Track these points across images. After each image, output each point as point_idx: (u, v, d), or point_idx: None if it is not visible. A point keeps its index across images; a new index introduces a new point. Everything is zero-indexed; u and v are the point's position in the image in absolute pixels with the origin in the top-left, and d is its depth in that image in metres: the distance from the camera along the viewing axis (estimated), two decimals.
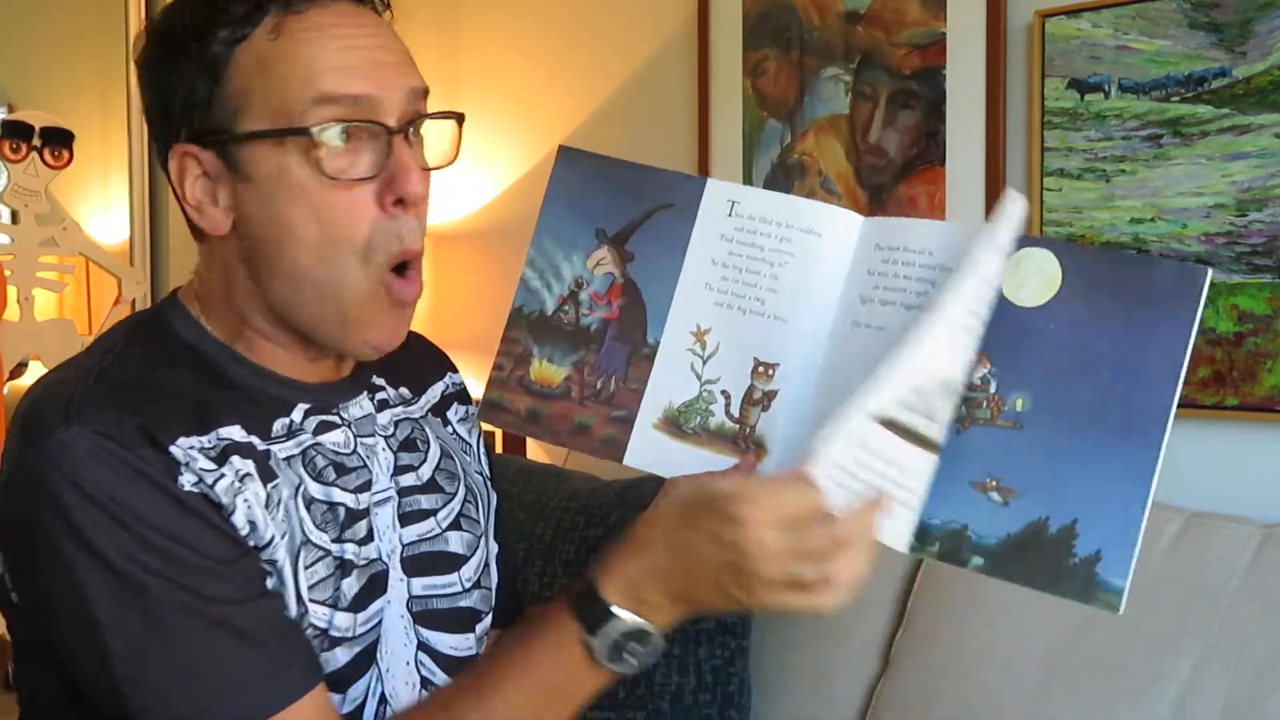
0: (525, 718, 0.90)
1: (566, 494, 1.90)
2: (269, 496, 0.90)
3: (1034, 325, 0.89)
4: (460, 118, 0.97)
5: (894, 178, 1.93)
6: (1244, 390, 1.61)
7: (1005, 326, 0.89)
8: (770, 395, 0.94)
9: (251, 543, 0.89)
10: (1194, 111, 1.63)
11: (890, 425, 0.87)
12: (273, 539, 0.90)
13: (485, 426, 1.09)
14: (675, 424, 0.97)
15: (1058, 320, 0.89)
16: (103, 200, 3.52)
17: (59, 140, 2.94)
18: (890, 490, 0.88)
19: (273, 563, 0.90)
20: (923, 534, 0.89)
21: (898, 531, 0.89)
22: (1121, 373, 0.87)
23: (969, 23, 1.84)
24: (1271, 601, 1.42)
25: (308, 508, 0.93)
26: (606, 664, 0.88)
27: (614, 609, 0.87)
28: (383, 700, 0.98)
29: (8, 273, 2.83)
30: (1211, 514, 1.53)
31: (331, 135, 0.87)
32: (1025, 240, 0.90)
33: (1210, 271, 0.86)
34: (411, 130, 0.92)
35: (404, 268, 0.92)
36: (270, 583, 0.90)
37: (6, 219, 3.10)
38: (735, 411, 0.95)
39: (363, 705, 0.96)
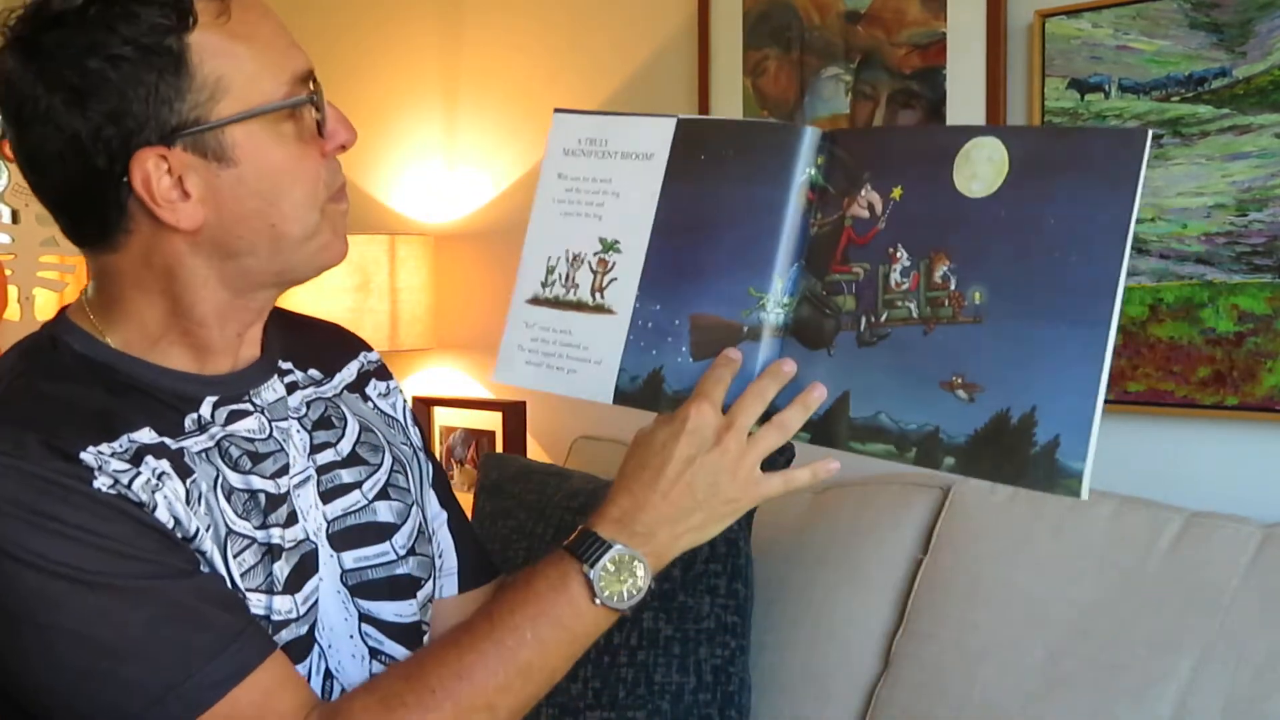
0: (536, 652, 0.94)
1: (567, 494, 1.90)
2: (189, 492, 0.92)
3: (987, 215, 0.88)
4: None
5: None
6: (1244, 390, 1.61)
7: (960, 221, 0.89)
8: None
9: (179, 535, 0.90)
10: (1194, 111, 1.63)
11: (539, 301, 1.06)
12: (198, 531, 0.91)
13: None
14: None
15: (1008, 205, 0.88)
16: None
17: None
18: (569, 352, 1.04)
19: (202, 554, 0.91)
20: (900, 440, 0.92)
21: (597, 387, 1.03)
22: (1070, 249, 0.85)
23: (969, 22, 1.84)
24: (1271, 601, 1.42)
25: (228, 498, 0.94)
26: (604, 597, 0.94)
27: (604, 538, 0.95)
28: (328, 676, 0.99)
29: (8, 272, 2.82)
30: (1211, 514, 1.53)
31: (322, 104, 0.95)
32: (973, 130, 0.91)
33: (1150, 132, 0.84)
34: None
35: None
36: (204, 570, 0.91)
37: (7, 218, 3.10)
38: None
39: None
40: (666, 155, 1.02)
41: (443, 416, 2.53)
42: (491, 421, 2.43)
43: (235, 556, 0.93)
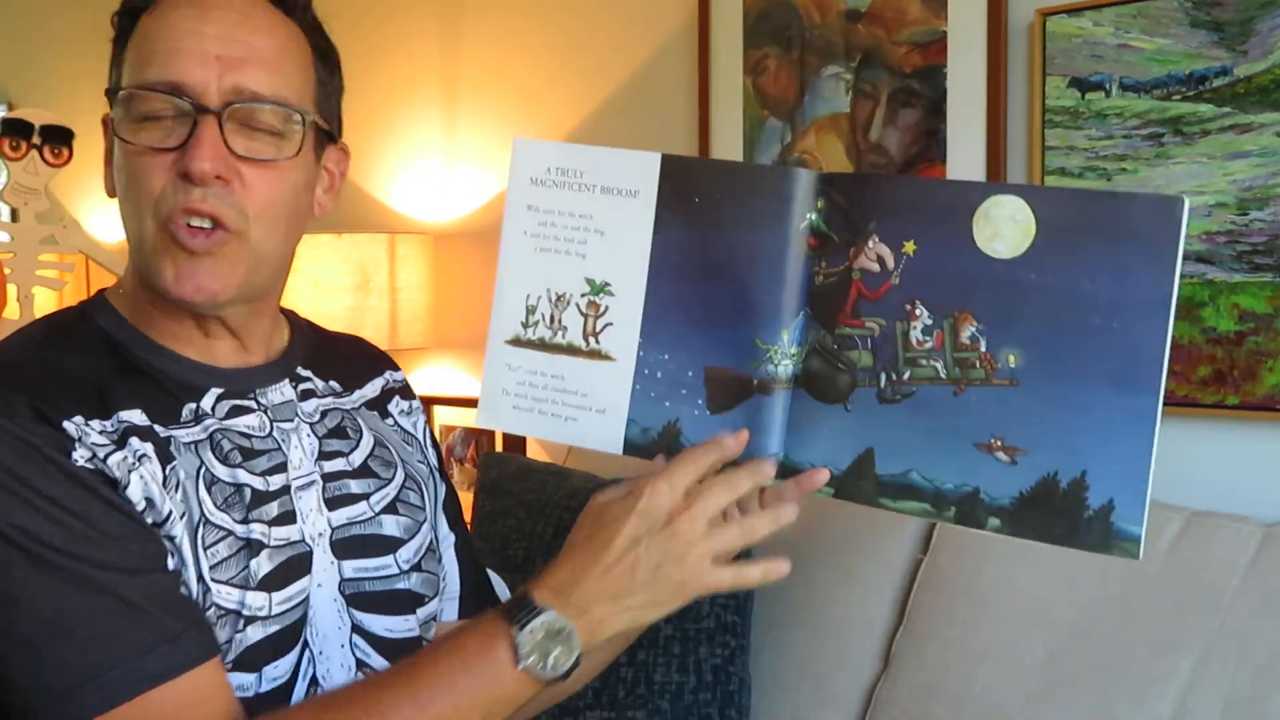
0: (451, 707, 0.90)
1: (566, 493, 1.90)
2: (166, 477, 0.93)
3: (1015, 276, 0.88)
4: (303, 115, 0.99)
5: None
6: (1245, 389, 1.61)
7: (986, 281, 0.89)
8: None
9: (150, 519, 0.91)
10: (1195, 110, 1.63)
11: (520, 343, 1.00)
12: (170, 515, 0.92)
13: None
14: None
15: (1039, 268, 0.88)
16: (102, 198, 3.52)
17: (59, 138, 2.94)
18: (564, 399, 0.99)
19: (172, 539, 0.92)
20: (936, 500, 0.92)
21: (603, 437, 0.98)
22: (1111, 315, 0.86)
23: (970, 21, 1.83)
24: (1272, 601, 1.42)
25: (209, 489, 0.95)
26: (528, 663, 0.89)
27: (538, 603, 0.90)
28: (314, 682, 0.99)
29: (8, 271, 2.82)
30: (1211, 514, 1.52)
31: (124, 102, 0.95)
32: (990, 187, 0.90)
33: (1188, 201, 0.85)
34: (231, 115, 0.94)
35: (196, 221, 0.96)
36: (172, 561, 0.92)
37: (6, 217, 3.09)
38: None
39: (291, 685, 0.97)
40: (655, 195, 0.98)
41: (442, 415, 2.53)
42: None
43: (207, 548, 0.93)
